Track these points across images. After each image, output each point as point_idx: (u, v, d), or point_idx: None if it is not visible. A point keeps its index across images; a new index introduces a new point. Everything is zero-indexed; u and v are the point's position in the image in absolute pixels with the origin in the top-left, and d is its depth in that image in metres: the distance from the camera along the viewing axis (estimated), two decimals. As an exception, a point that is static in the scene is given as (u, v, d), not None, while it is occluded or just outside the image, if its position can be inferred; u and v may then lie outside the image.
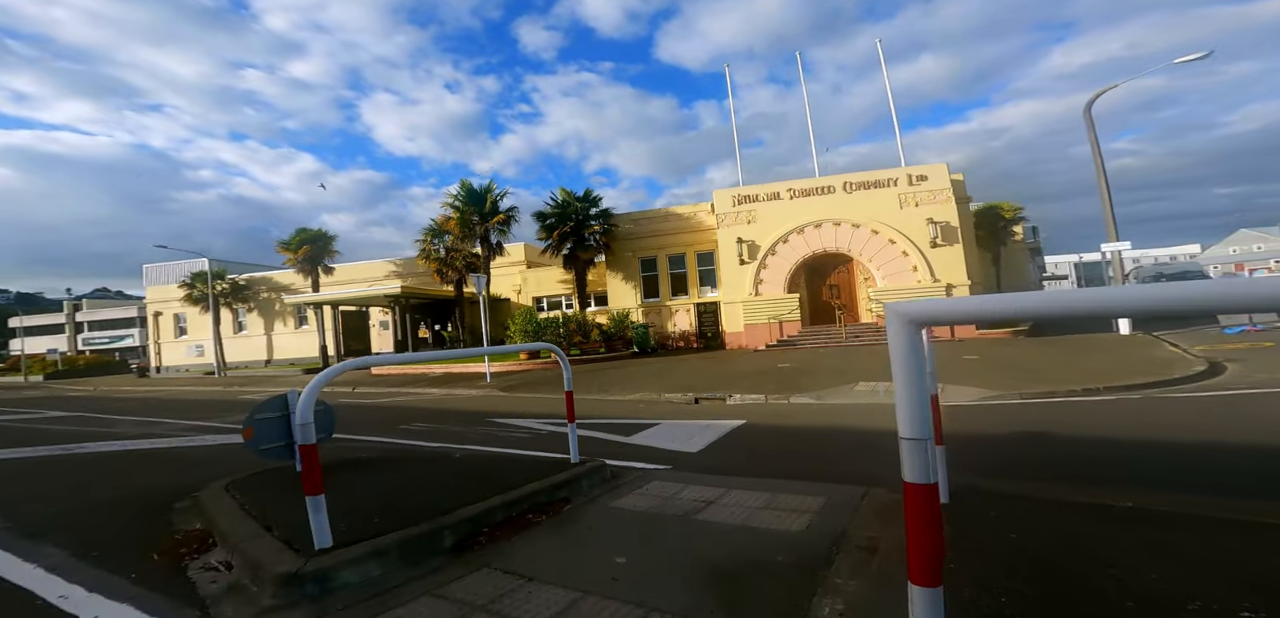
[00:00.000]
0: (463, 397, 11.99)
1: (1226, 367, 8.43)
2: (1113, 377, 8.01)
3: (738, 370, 12.20)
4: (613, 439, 6.14)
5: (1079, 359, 10.29)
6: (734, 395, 9.22)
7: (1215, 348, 10.91)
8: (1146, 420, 5.61)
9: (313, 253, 24.19)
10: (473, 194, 20.12)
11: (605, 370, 14.11)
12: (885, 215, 17.00)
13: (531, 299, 24.75)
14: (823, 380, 9.79)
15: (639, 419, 7.41)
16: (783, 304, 17.74)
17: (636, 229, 21.78)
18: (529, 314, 17.28)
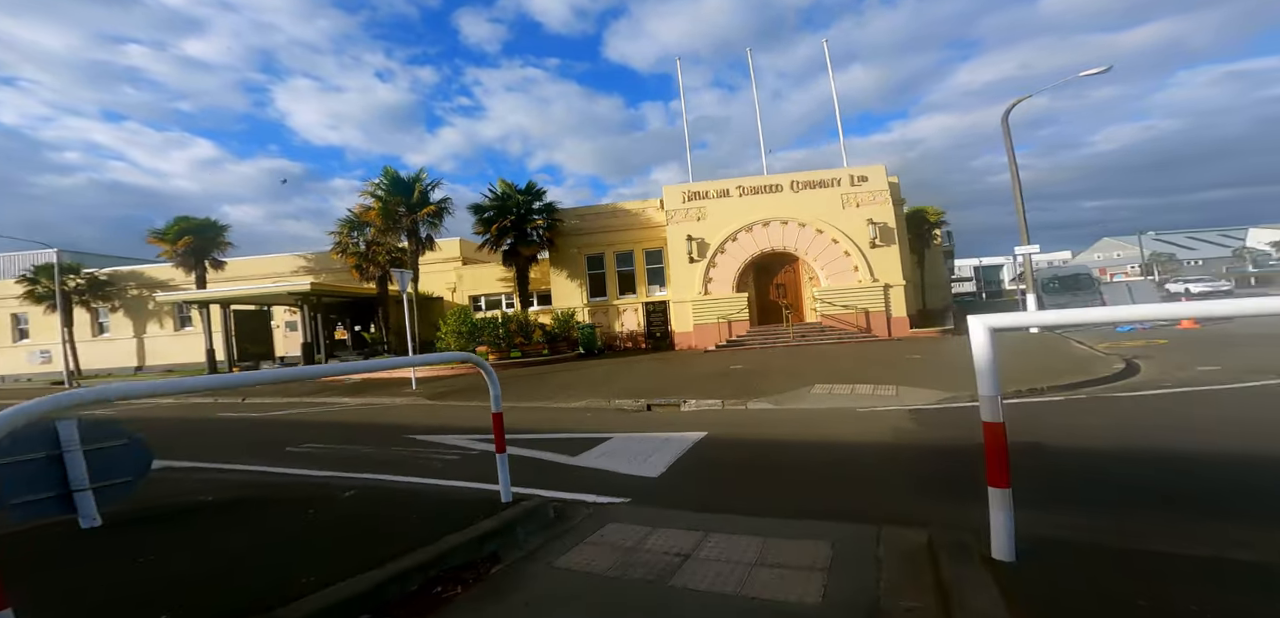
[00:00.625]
0: (381, 408, 10.44)
1: (1139, 364, 8.99)
2: (1049, 376, 8.24)
3: (690, 373, 11.64)
4: (557, 461, 5.22)
5: (1009, 360, 10.72)
6: (689, 401, 8.59)
7: (1118, 345, 11.91)
8: (1118, 424, 5.56)
9: (197, 245, 20.62)
10: (398, 183, 18.09)
11: (549, 374, 13.04)
12: (829, 215, 17.30)
13: (467, 298, 22.92)
14: (777, 383, 9.42)
15: (587, 432, 6.53)
16: (732, 304, 17.54)
17: (583, 225, 20.75)
18: (463, 314, 15.71)
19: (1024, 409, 6.39)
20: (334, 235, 18.91)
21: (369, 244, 18.38)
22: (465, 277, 23.36)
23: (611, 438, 6.09)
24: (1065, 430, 5.28)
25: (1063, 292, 21.76)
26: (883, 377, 9.16)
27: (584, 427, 7.04)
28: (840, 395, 8.09)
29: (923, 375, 9.05)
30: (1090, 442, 4.87)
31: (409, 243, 18.09)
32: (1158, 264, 53.62)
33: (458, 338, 14.69)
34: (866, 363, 11.13)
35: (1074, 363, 9.53)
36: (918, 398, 7.46)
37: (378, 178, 18.35)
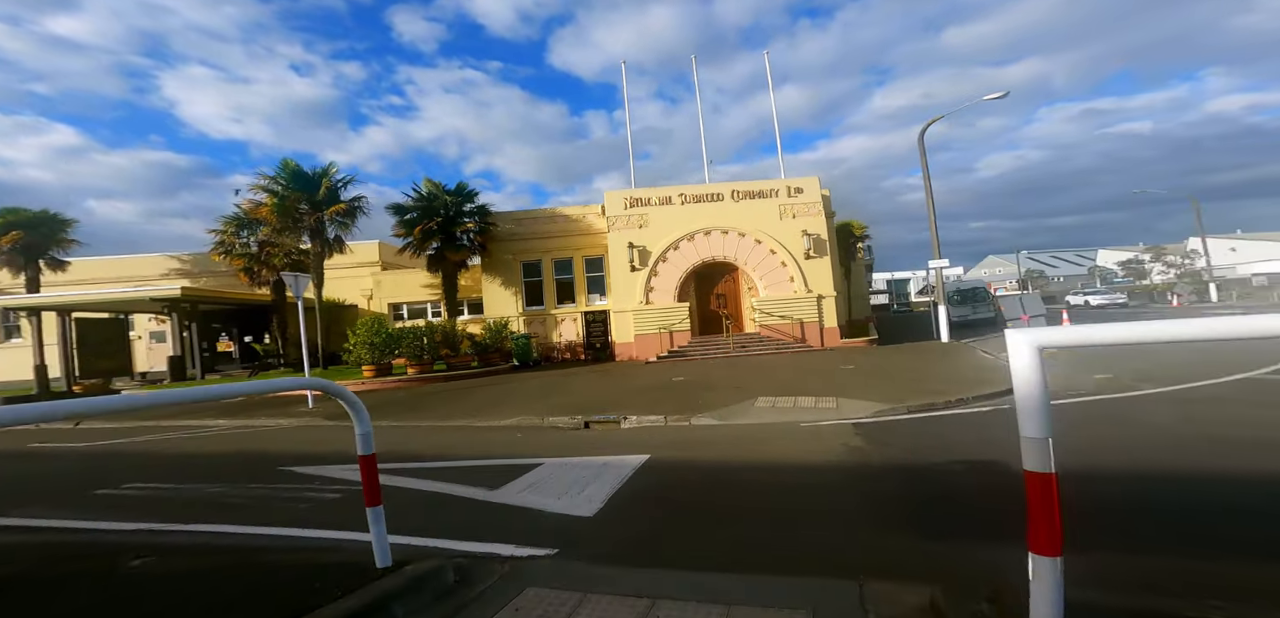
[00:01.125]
0: (263, 430, 8.82)
1: None
2: (971, 386, 8.59)
3: (631, 386, 11.08)
4: (472, 496, 4.39)
5: (933, 366, 11.26)
6: (630, 417, 8.00)
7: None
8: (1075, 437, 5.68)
9: (29, 242, 16.85)
10: (301, 178, 15.97)
11: (478, 389, 11.89)
12: (767, 226, 17.63)
13: (386, 306, 20.88)
14: (721, 397, 9.11)
15: (514, 457, 5.72)
16: (674, 314, 17.28)
17: (519, 230, 19.63)
18: (376, 323, 14.02)
19: (964, 421, 6.47)
20: (216, 234, 16.30)
21: (262, 245, 16.04)
22: (384, 283, 21.28)
23: (542, 463, 5.33)
24: (1009, 448, 5.21)
25: (964, 303, 23.93)
26: (821, 389, 9.14)
27: (511, 450, 6.20)
28: (783, 409, 7.89)
29: (857, 387, 9.13)
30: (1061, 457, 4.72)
31: (312, 244, 15.99)
32: (1031, 280, 61.61)
33: (368, 349, 13.05)
34: (804, 374, 11.19)
35: (987, 371, 10.10)
36: (857, 410, 7.41)
37: (276, 171, 16.08)
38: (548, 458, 5.59)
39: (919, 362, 12.08)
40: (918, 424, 6.40)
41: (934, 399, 7.64)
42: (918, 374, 10.17)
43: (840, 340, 17.28)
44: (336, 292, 20.48)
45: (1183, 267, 48.78)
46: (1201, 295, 37.30)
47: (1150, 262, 52.85)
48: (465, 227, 17.53)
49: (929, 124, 18.12)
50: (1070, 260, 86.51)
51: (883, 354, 14.28)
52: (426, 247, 17.22)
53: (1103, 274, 67.60)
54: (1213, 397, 6.62)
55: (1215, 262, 48.69)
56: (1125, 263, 63.05)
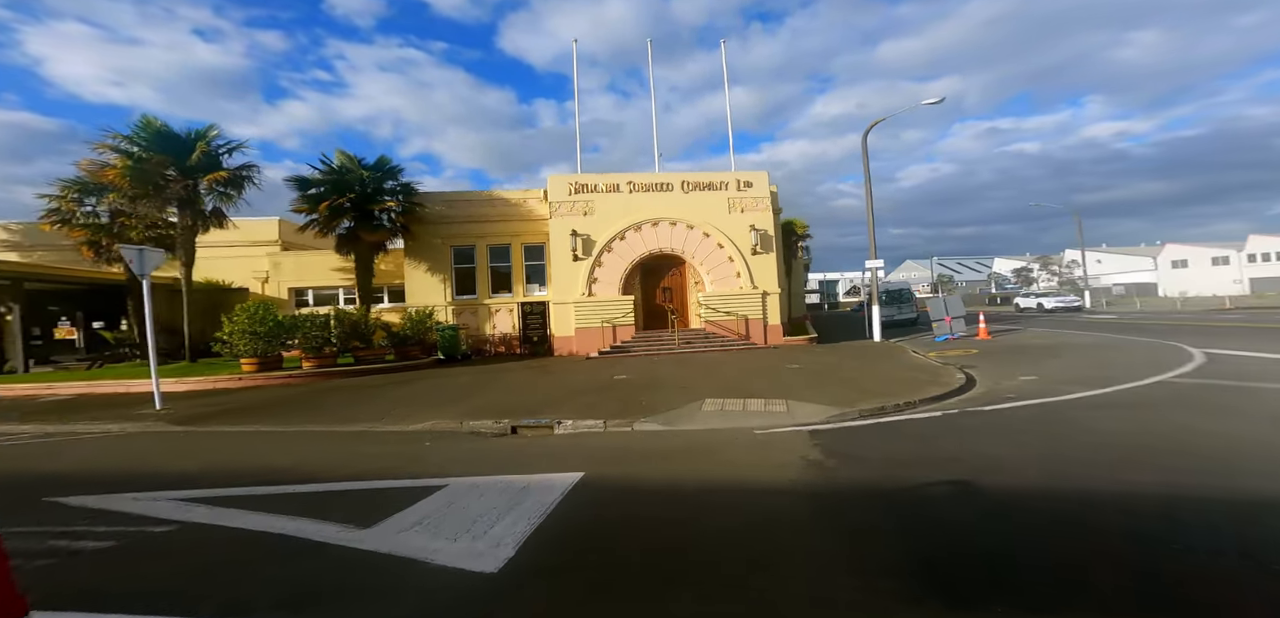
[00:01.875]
0: (76, 441, 6.92)
1: (973, 376, 9.83)
2: (914, 388, 8.50)
3: (569, 384, 10.12)
4: (331, 540, 3.29)
5: (873, 367, 11.26)
6: (564, 421, 7.07)
7: (943, 354, 13.52)
8: (1018, 445, 5.41)
9: None
10: (165, 139, 13.25)
11: (392, 386, 10.38)
12: (715, 219, 17.24)
13: (288, 291, 18.33)
14: (666, 397, 8.41)
15: (410, 477, 4.62)
16: (618, 307, 16.44)
17: (450, 212, 17.87)
18: (261, 309, 11.85)
19: (919, 428, 6.17)
20: (49, 200, 13.20)
21: (115, 215, 13.19)
22: (285, 265, 18.67)
23: (445, 486, 4.29)
24: (983, 463, 4.54)
25: (890, 304, 25.24)
26: (770, 390, 8.70)
27: (410, 467, 5.07)
28: (732, 413, 7.31)
29: (805, 388, 8.79)
30: (1021, 477, 4.12)
31: (182, 216, 13.33)
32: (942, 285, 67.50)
33: (249, 338, 10.97)
34: (751, 374, 10.79)
35: (924, 372, 10.17)
36: (809, 414, 6.98)
37: (133, 129, 13.17)
38: (455, 478, 4.55)
39: (859, 362, 12.11)
40: (874, 432, 6.01)
41: (883, 403, 7.38)
42: (861, 375, 10.05)
43: (783, 338, 17.30)
44: (222, 272, 17.63)
45: (1063, 275, 55.20)
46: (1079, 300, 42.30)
47: (1038, 270, 59.38)
48: (385, 205, 15.57)
49: (872, 125, 18.58)
50: (972, 267, 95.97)
51: (823, 353, 14.32)
52: (335, 225, 15.10)
53: (997, 280, 75.46)
54: (1144, 400, 6.83)
55: (1070, 274, 55.51)
56: (1017, 271, 70.69)
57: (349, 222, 15.17)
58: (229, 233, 18.48)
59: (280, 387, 10.38)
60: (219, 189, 13.74)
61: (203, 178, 13.33)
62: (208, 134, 13.60)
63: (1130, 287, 60.14)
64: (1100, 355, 11.57)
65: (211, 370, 11.04)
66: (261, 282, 18.51)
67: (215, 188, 13.70)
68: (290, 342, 11.53)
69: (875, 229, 18.35)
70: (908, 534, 3.16)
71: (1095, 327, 19.81)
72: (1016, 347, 14.19)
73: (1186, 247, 68.15)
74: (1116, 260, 72.12)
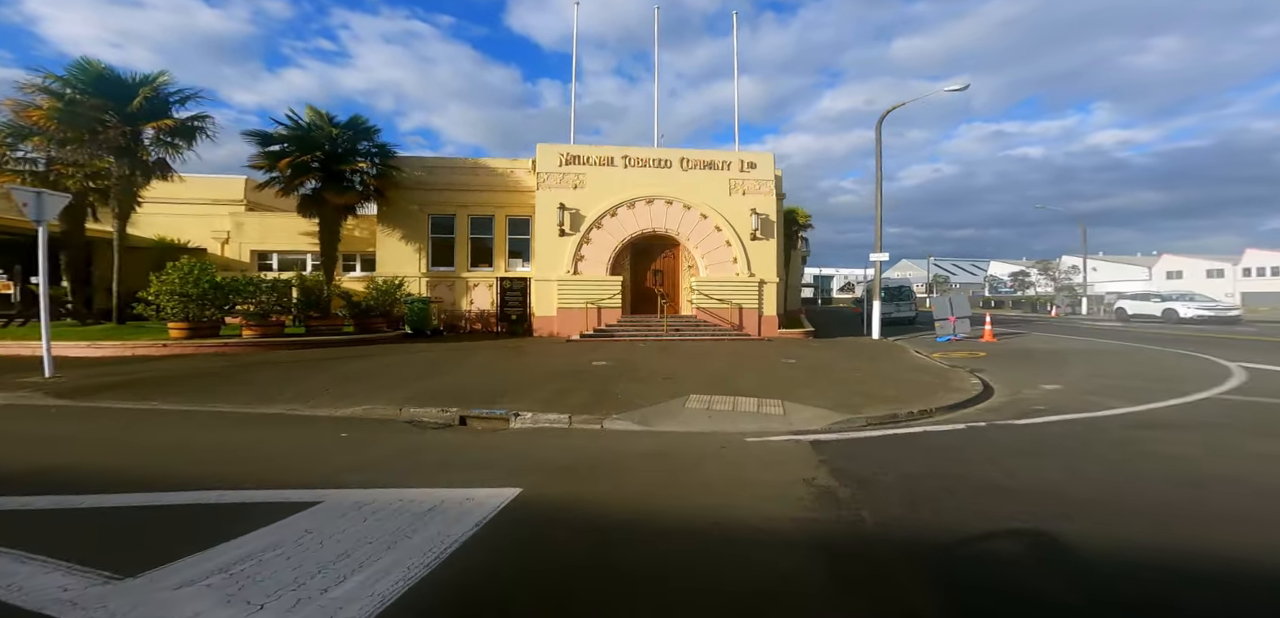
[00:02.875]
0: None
1: (989, 383, 8.81)
2: (924, 394, 7.52)
3: (542, 368, 9.06)
4: (31, 612, 2.15)
5: (875, 367, 10.28)
6: (524, 413, 6.03)
7: (949, 355, 12.58)
8: (1074, 472, 4.44)
9: None
10: (104, 82, 11.82)
11: (341, 361, 9.27)
12: (715, 200, 16.10)
13: (250, 254, 17.05)
14: (646, 389, 7.37)
15: (279, 488, 3.54)
16: (604, 287, 15.34)
17: (430, 178, 16.60)
18: (195, 267, 10.24)
19: (941, 444, 5.17)
20: None
21: (51, 163, 11.80)
22: (248, 226, 17.35)
23: (319, 502, 3.22)
24: (1044, 499, 3.48)
25: (888, 301, 24.42)
26: (764, 387, 7.68)
27: (298, 470, 4.00)
28: (721, 412, 6.28)
29: (804, 387, 7.78)
30: (1109, 527, 3.04)
31: (119, 165, 11.89)
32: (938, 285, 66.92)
33: (178, 300, 9.66)
34: (743, 366, 9.77)
35: (931, 376, 9.16)
36: (810, 419, 5.97)
37: (68, 70, 11.66)
38: (340, 490, 3.47)
39: (859, 360, 11.13)
40: (889, 446, 5.01)
41: (894, 409, 6.38)
42: (863, 375, 9.06)
43: (778, 331, 16.31)
44: (178, 231, 16.28)
45: (1062, 281, 54.65)
46: (1075, 307, 41.82)
47: (1038, 275, 58.76)
48: (356, 166, 14.24)
49: (888, 112, 17.41)
50: (967, 269, 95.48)
51: (820, 349, 13.33)
52: (299, 185, 13.80)
53: (993, 283, 75.16)
54: (1203, 420, 5.87)
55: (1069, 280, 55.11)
56: (1014, 275, 70.27)
57: (315, 182, 13.86)
58: (189, 189, 17.13)
59: (211, 356, 9.23)
60: (166, 139, 12.33)
61: (146, 125, 11.91)
62: (155, 80, 12.15)
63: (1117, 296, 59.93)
64: (1124, 365, 10.65)
65: (137, 335, 9.84)
66: (221, 242, 17.20)
67: (162, 138, 12.29)
68: (232, 307, 10.30)
69: (871, 227, 17.29)
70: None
71: (1102, 334, 18.99)
72: (1024, 351, 13.28)
73: (1182, 258, 67.94)
74: (1111, 269, 71.84)
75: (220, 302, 10.05)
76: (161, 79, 12.35)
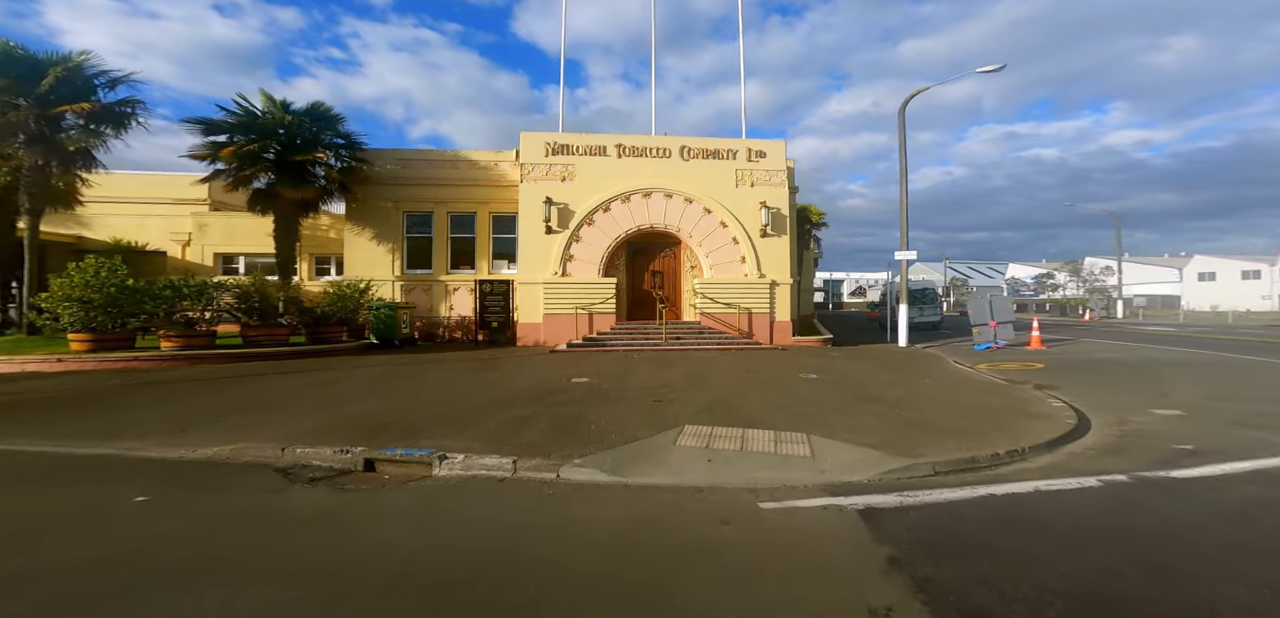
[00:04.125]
0: None
1: (1082, 412, 7.05)
2: (998, 423, 5.75)
3: (507, 387, 7.41)
4: None
5: (916, 383, 8.49)
6: (453, 455, 4.38)
7: (997, 366, 10.71)
8: None
9: None
10: (13, 61, 10.41)
11: (261, 378, 7.69)
12: (720, 193, 14.41)
13: (213, 257, 15.69)
14: (629, 417, 5.68)
15: None
16: (596, 291, 13.70)
17: (404, 172, 15.13)
18: (102, 271, 8.77)
19: (1066, 517, 3.41)
20: None
21: None
22: (212, 227, 16.01)
23: None
24: None
25: (913, 304, 22.57)
26: (781, 414, 5.95)
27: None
28: (725, 452, 4.56)
29: (834, 413, 6.03)
30: None
31: (31, 154, 10.39)
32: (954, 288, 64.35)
33: (79, 308, 8.16)
34: (754, 383, 8.05)
35: (998, 398, 7.31)
36: (849, 464, 4.24)
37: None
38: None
39: (894, 374, 9.34)
40: (991, 521, 3.26)
41: (968, 450, 4.61)
42: (906, 395, 7.28)
43: (791, 338, 14.52)
44: (135, 233, 14.99)
45: (1095, 282, 51.99)
46: (1109, 311, 39.32)
47: (1066, 276, 56.10)
48: (317, 157, 12.77)
49: (914, 95, 15.63)
50: (984, 272, 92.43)
51: (844, 359, 11.54)
52: (249, 178, 12.32)
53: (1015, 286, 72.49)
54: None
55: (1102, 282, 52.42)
56: (1038, 277, 67.53)
57: (268, 175, 12.41)
58: (148, 186, 15.86)
59: (109, 373, 7.73)
60: (86, 126, 10.89)
61: (64, 110, 10.49)
62: (71, 60, 10.71)
63: (1153, 299, 57.17)
64: (1242, 381, 8.69)
65: (32, 349, 8.38)
66: (183, 245, 15.86)
67: (85, 125, 10.86)
68: (145, 312, 8.76)
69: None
70: None
71: (1164, 340, 16.90)
72: (1088, 362, 11.35)
73: (1215, 259, 64.82)
74: (1139, 270, 68.71)
75: (132, 309, 8.55)
76: (79, 59, 10.94)
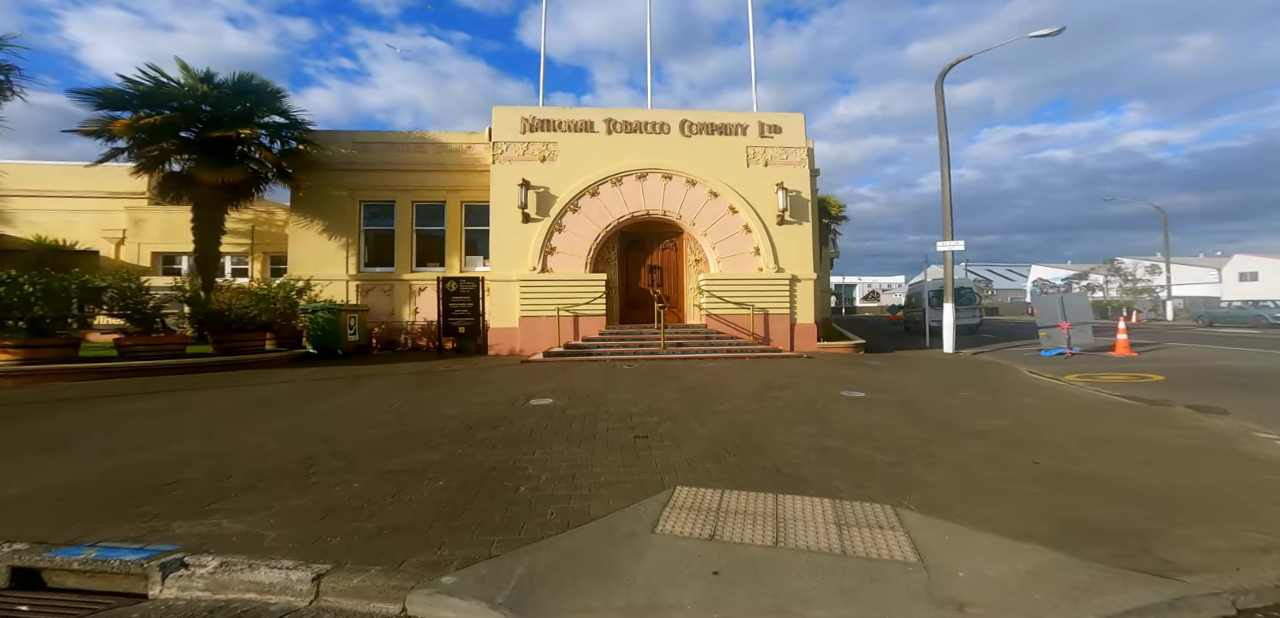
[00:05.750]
0: None
1: None
2: (1210, 480, 3.43)
3: (426, 417, 5.21)
4: None
5: (1013, 405, 6.17)
6: (202, 560, 2.12)
7: (1092, 377, 8.30)
8: None
9: None
10: None
11: (95, 401, 5.60)
12: (729, 173, 12.17)
13: (151, 256, 13.86)
14: (591, 468, 3.42)
15: None
16: (583, 289, 11.50)
17: (362, 157, 13.14)
18: None
19: None
20: None
21: None
22: (149, 222, 14.15)
23: None
24: None
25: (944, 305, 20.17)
26: (835, 464, 3.66)
27: None
28: (745, 560, 2.24)
29: (918, 458, 3.73)
30: None
31: None
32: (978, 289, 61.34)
33: None
34: (780, 408, 5.77)
35: (1198, 445, 4.90)
36: (1017, 589, 1.92)
37: None
38: None
39: (970, 392, 7.01)
40: None
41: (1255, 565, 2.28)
42: (1014, 428, 4.96)
43: (816, 344, 12.18)
44: (65, 230, 13.17)
45: (1142, 283, 49.14)
46: (1157, 312, 36.24)
47: (1106, 277, 53.05)
48: (247, 134, 10.72)
49: (951, 65, 13.36)
50: (1003, 274, 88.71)
51: (890, 371, 9.19)
52: (157, 159, 10.33)
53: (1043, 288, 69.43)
54: None
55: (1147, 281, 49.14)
56: (1068, 279, 64.43)
57: (189, 158, 10.42)
58: (78, 179, 14.03)
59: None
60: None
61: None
62: None
63: (1191, 300, 54.09)
64: None
65: None
66: (116, 242, 14.00)
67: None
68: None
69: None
70: None
71: (1243, 343, 14.26)
72: (1216, 372, 8.88)
73: (1258, 258, 61.44)
74: (1175, 271, 65.19)
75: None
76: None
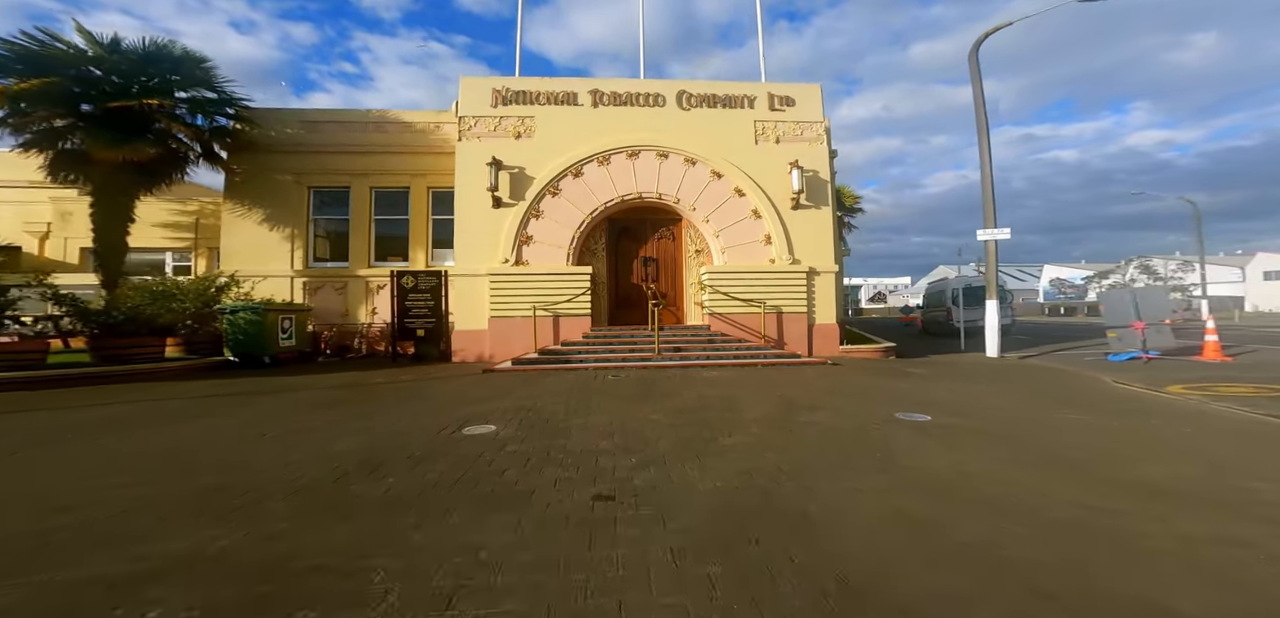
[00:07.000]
0: None
1: None
2: None
3: (293, 459, 3.44)
4: None
5: (1143, 429, 4.36)
6: None
7: (1209, 391, 6.50)
8: None
9: None
10: None
11: None
12: (734, 152, 10.42)
13: (80, 252, 12.31)
14: (507, 562, 1.62)
15: None
16: (564, 284, 9.75)
17: (311, 137, 11.46)
18: None
19: None
20: None
21: None
22: (78, 216, 12.40)
23: None
24: None
25: (977, 303, 18.52)
26: (951, 567, 1.82)
27: None
28: None
29: (1090, 533, 1.88)
30: None
31: None
32: None
33: None
34: (815, 442, 3.98)
35: None
36: None
37: None
38: None
39: (1079, 414, 5.21)
40: None
41: None
42: (1209, 477, 3.12)
43: (839, 348, 10.38)
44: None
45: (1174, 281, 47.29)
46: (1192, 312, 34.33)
47: (1135, 275, 51.17)
48: (149, 104, 8.94)
49: (988, 34, 11.61)
50: (1014, 275, 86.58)
51: (940, 381, 7.38)
52: (47, 132, 8.64)
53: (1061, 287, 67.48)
54: None
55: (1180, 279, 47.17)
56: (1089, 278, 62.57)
57: (78, 137, 8.72)
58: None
59: None
60: None
61: None
62: None
63: (1214, 300, 52.23)
64: None
65: None
66: (40, 238, 12.35)
67: None
68: None
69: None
70: None
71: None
72: None
73: (1281, 256, 59.06)
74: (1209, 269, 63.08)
75: None
76: None
